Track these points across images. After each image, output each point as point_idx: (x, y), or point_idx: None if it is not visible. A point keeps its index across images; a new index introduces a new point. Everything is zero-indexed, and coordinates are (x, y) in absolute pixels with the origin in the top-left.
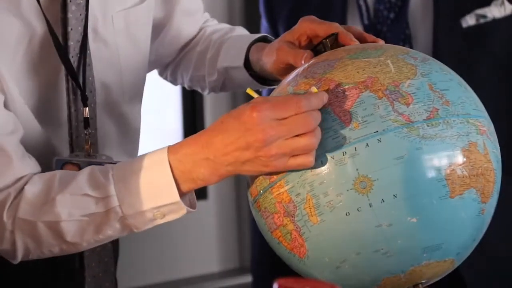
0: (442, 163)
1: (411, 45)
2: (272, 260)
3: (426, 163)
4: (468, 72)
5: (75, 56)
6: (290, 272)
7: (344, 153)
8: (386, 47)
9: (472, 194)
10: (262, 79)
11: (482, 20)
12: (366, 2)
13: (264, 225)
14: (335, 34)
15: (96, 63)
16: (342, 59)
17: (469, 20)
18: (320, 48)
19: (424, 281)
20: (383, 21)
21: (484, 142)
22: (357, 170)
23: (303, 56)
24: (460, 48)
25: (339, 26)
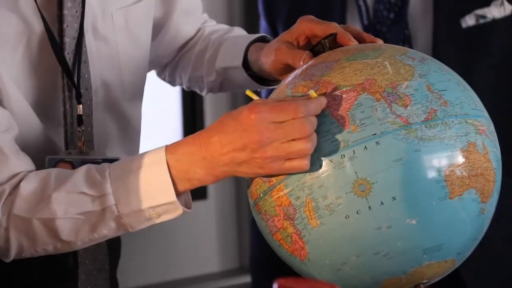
0: (441, 164)
1: (410, 45)
2: (272, 260)
3: (425, 165)
4: (467, 72)
5: (71, 53)
6: (290, 272)
7: (343, 156)
8: (384, 47)
9: (472, 194)
10: (260, 79)
11: (481, 21)
12: (365, 2)
13: (265, 227)
14: (333, 34)
15: (96, 61)
16: (340, 60)
17: (468, 21)
18: (319, 49)
19: (425, 281)
20: (383, 21)
21: (483, 141)
22: (355, 173)
23: (301, 57)
24: (460, 48)
25: (338, 26)
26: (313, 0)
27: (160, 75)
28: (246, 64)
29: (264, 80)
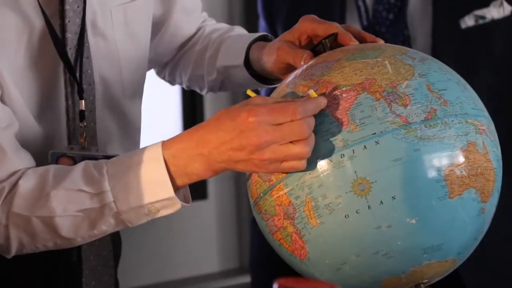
0: (441, 164)
1: (410, 46)
2: (272, 260)
3: (425, 164)
4: (467, 73)
5: (73, 49)
6: (290, 272)
7: (342, 155)
8: (384, 47)
9: (472, 194)
10: (262, 78)
11: (481, 21)
12: (365, 3)
13: (265, 227)
14: (334, 34)
15: (95, 57)
16: (340, 60)
17: (468, 21)
18: (320, 49)
19: (425, 280)
20: (382, 22)
21: (483, 141)
22: (355, 172)
23: (302, 56)
24: (459, 49)
25: (339, 26)
26: (312, 1)
27: (159, 74)
28: (247, 63)
29: (265, 79)
